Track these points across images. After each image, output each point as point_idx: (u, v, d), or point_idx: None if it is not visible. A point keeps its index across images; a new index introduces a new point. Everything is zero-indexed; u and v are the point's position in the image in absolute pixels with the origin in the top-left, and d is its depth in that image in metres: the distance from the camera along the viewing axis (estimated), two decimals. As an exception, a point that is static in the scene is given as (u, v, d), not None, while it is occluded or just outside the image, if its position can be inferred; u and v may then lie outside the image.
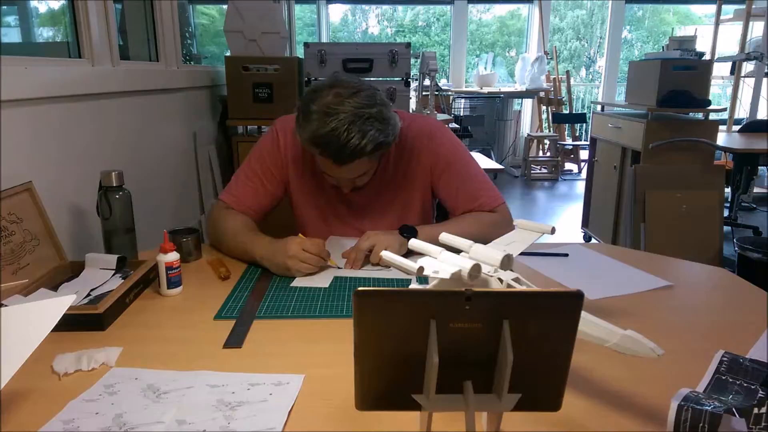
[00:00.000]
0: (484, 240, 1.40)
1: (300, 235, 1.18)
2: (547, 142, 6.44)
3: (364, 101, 1.10)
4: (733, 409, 0.60)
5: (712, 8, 4.48)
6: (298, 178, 1.34)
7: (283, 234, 1.18)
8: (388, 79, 2.59)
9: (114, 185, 1.17)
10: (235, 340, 0.88)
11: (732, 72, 4.42)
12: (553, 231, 0.90)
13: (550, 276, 1.15)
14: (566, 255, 1.27)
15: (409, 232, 1.23)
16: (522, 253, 1.22)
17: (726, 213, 3.86)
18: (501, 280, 0.74)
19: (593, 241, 3.64)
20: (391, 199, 1.35)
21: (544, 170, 6.32)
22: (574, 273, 1.18)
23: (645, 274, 1.15)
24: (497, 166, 3.35)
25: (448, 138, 1.34)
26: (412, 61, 2.68)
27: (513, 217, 1.15)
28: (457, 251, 0.84)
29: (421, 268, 0.74)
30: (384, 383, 0.55)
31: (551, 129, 6.38)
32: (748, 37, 4.13)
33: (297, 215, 1.41)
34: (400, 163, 1.33)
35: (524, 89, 6.08)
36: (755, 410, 0.59)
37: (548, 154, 6.42)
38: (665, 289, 1.09)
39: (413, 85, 2.97)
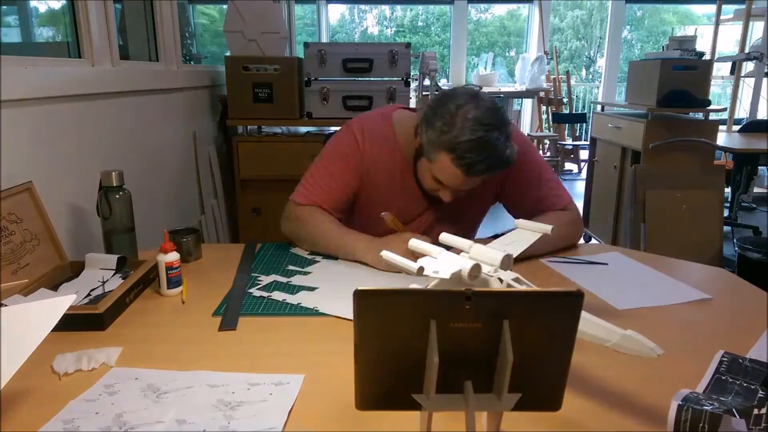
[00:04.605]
0: (565, 240, 1.36)
1: (404, 232, 1.22)
2: (547, 142, 6.44)
3: (504, 118, 1.12)
4: (733, 410, 0.60)
5: (712, 8, 4.48)
6: (372, 181, 1.32)
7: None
8: (387, 79, 2.58)
9: (114, 185, 1.17)
10: (229, 322, 0.94)
11: (732, 72, 4.42)
12: (553, 231, 0.90)
13: (583, 284, 1.11)
14: (606, 264, 1.24)
15: None
16: (561, 261, 1.23)
17: (726, 213, 3.86)
18: (501, 280, 0.74)
19: (593, 241, 3.64)
20: (460, 208, 1.35)
21: (544, 170, 6.31)
22: (608, 282, 1.13)
23: (683, 286, 1.10)
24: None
25: (519, 148, 1.22)
26: (412, 61, 2.68)
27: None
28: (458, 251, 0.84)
29: (421, 268, 0.74)
30: (384, 383, 0.55)
31: (551, 129, 6.38)
32: (748, 37, 4.13)
33: (360, 217, 1.38)
34: None
35: (524, 89, 6.07)
36: (755, 411, 0.59)
37: (548, 154, 6.41)
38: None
39: (413, 85, 2.97)
